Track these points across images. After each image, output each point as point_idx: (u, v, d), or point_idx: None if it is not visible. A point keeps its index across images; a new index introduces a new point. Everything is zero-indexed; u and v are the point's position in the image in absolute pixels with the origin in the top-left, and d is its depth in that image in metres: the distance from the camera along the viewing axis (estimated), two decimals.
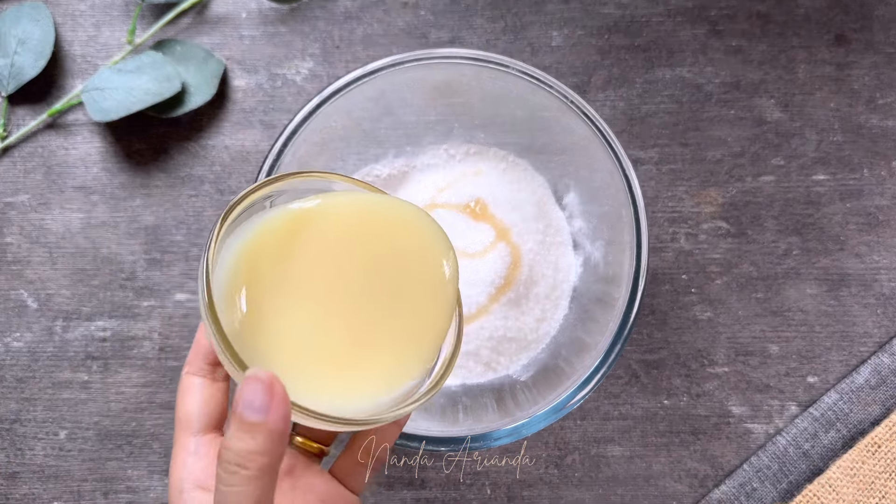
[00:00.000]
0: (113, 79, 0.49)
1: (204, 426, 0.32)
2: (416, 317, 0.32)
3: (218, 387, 0.33)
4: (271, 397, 0.25)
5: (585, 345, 0.42)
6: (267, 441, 0.25)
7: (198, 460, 0.31)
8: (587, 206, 0.46)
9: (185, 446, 0.31)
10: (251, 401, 0.25)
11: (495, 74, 0.42)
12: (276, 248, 0.30)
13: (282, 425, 0.26)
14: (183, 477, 0.30)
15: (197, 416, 0.32)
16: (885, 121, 0.51)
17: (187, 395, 0.32)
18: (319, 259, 0.31)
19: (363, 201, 0.32)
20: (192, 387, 0.32)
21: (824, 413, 0.47)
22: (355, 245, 0.32)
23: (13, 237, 0.50)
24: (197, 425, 0.32)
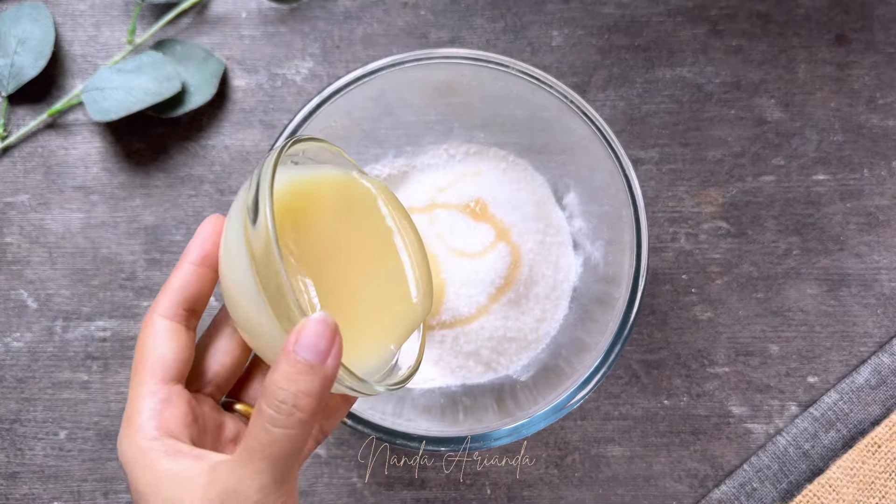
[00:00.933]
0: (113, 79, 0.49)
1: (177, 375, 0.29)
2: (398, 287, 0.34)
3: (190, 336, 0.31)
4: (333, 342, 0.25)
5: (585, 345, 0.42)
6: (323, 385, 0.25)
7: (170, 408, 0.28)
8: (587, 206, 0.46)
9: (154, 392, 0.28)
10: (315, 344, 0.25)
11: (495, 74, 0.42)
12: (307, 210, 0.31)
13: (335, 373, 0.25)
14: (152, 424, 0.28)
15: (171, 363, 0.29)
16: (886, 121, 0.50)
17: (160, 340, 0.29)
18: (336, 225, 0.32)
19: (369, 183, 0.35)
20: (166, 331, 0.30)
21: (824, 413, 0.47)
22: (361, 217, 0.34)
23: (13, 237, 0.50)
24: (170, 373, 0.29)
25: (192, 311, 0.31)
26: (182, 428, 0.28)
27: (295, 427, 0.25)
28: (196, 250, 0.31)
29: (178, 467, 0.26)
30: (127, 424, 0.28)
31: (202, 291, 0.31)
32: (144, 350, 0.29)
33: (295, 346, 0.25)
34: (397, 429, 0.39)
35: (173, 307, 0.30)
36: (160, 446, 0.27)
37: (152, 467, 0.27)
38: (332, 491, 0.47)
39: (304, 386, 0.25)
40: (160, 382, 0.29)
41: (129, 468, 0.27)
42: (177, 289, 0.30)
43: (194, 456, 0.27)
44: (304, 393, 0.25)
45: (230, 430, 0.31)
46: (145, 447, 0.27)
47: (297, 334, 0.25)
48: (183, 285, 0.30)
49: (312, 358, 0.25)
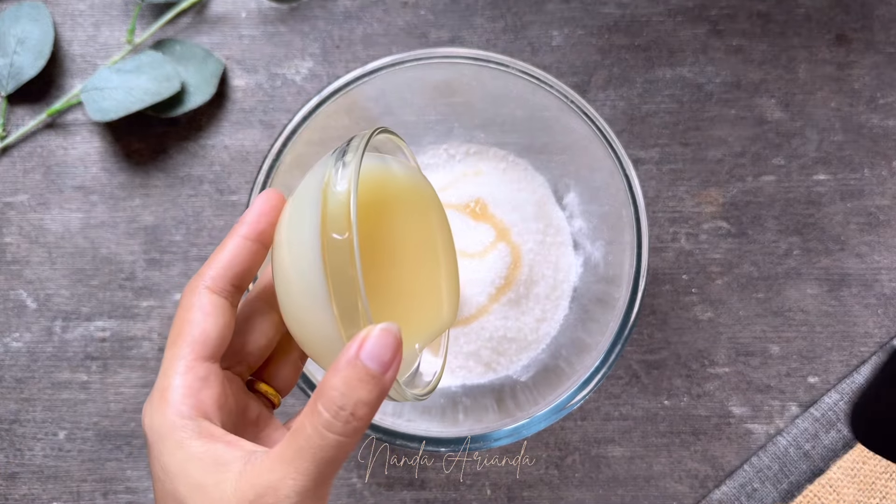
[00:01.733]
0: (112, 78, 0.49)
1: (217, 352, 0.28)
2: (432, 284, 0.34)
3: (233, 313, 0.29)
4: (397, 354, 0.25)
5: (586, 345, 0.42)
6: (381, 396, 0.25)
7: (206, 388, 0.27)
8: (587, 206, 0.46)
9: (192, 368, 0.27)
10: (380, 354, 0.25)
11: (495, 74, 0.42)
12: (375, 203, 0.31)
13: (391, 384, 0.25)
14: (188, 402, 0.26)
15: (213, 340, 0.28)
16: (886, 120, 0.50)
17: (204, 314, 0.28)
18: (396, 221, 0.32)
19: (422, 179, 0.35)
20: (212, 306, 0.28)
21: (825, 413, 0.47)
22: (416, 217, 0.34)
23: (12, 237, 0.50)
24: (211, 350, 0.28)
25: (238, 286, 0.29)
26: (216, 410, 0.27)
27: (350, 435, 0.25)
28: (251, 225, 0.29)
29: (211, 451, 0.26)
30: (160, 398, 0.27)
31: (252, 268, 0.29)
32: (187, 322, 0.28)
33: (360, 353, 0.25)
34: (397, 429, 0.39)
35: (221, 281, 0.29)
36: (194, 426, 0.26)
37: (183, 447, 0.26)
38: (332, 491, 0.47)
39: (365, 395, 0.25)
40: (199, 359, 0.27)
41: (156, 442, 0.26)
42: (226, 263, 0.29)
43: (227, 442, 0.26)
44: (364, 402, 0.25)
45: (252, 411, 0.30)
46: (178, 424, 0.26)
47: (362, 341, 0.25)
48: (233, 260, 0.29)
49: (376, 368, 0.25)
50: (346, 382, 0.24)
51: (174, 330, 0.28)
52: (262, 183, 0.40)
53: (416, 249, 0.34)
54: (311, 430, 0.25)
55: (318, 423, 0.25)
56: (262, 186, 0.40)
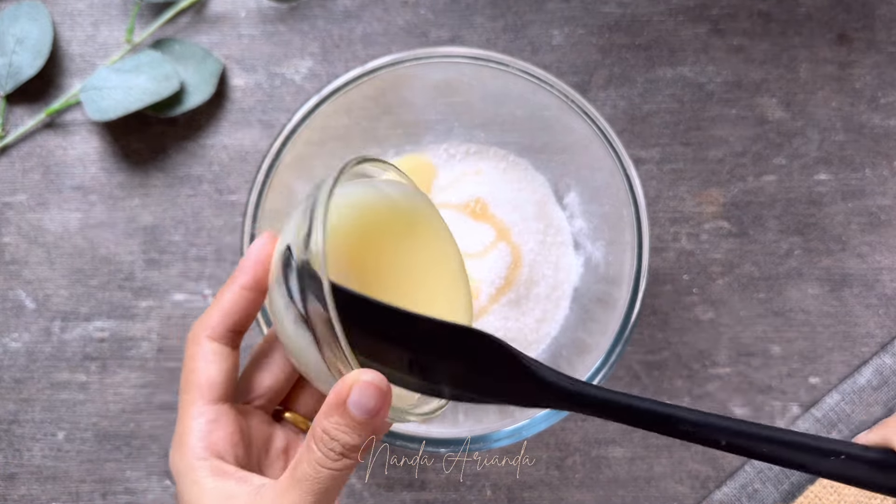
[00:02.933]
0: (111, 78, 0.49)
1: (225, 395, 0.31)
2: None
3: (236, 356, 0.32)
4: (383, 403, 0.27)
5: (586, 345, 0.42)
6: (368, 436, 0.27)
7: (218, 429, 0.30)
8: (588, 206, 0.46)
9: (202, 413, 0.30)
10: (365, 403, 0.27)
11: (495, 73, 0.42)
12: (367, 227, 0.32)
13: (381, 427, 0.28)
14: (201, 445, 0.29)
15: (219, 385, 0.30)
16: (888, 120, 0.50)
17: (208, 362, 0.31)
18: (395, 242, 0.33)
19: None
20: (214, 354, 0.31)
21: (826, 414, 0.47)
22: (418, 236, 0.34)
23: (11, 237, 0.50)
24: (218, 393, 0.30)
25: (237, 332, 0.32)
26: (229, 447, 0.30)
27: (342, 469, 0.27)
28: (247, 275, 0.31)
29: (221, 487, 0.28)
30: (179, 442, 0.30)
31: (251, 314, 0.32)
32: (193, 371, 0.31)
33: (348, 402, 0.27)
34: (397, 429, 0.38)
35: (221, 329, 0.31)
36: (207, 465, 0.29)
37: (199, 484, 0.29)
38: None
39: (353, 439, 0.27)
40: (208, 403, 0.30)
41: (179, 481, 0.29)
42: (225, 312, 0.31)
43: (238, 478, 0.29)
44: (353, 445, 0.27)
45: (279, 441, 0.33)
46: (194, 465, 0.29)
47: (348, 389, 0.27)
48: (231, 309, 0.31)
49: (362, 416, 0.27)
50: (336, 426, 0.27)
51: (183, 378, 0.31)
52: (261, 183, 0.40)
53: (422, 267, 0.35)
54: (307, 464, 0.27)
55: (312, 459, 0.27)
56: (261, 186, 0.40)
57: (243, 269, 0.31)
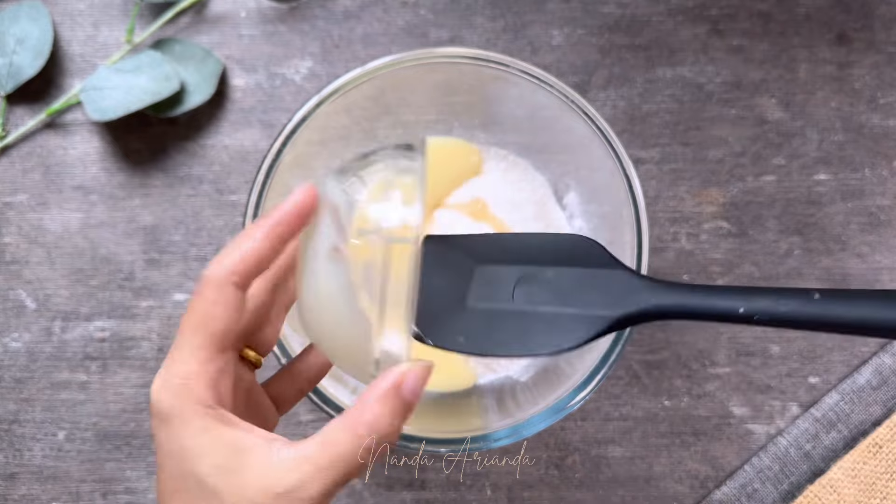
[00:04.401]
0: (111, 78, 0.49)
1: (236, 345, 0.29)
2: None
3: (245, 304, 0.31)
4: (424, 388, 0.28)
5: None
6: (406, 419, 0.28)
7: (225, 379, 0.28)
8: (588, 206, 0.46)
9: (212, 359, 0.28)
10: (415, 387, 0.27)
11: (495, 74, 0.42)
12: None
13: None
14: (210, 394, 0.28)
15: (234, 334, 0.29)
16: (887, 120, 0.50)
17: (227, 308, 0.28)
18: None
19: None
20: (235, 301, 0.29)
21: (825, 414, 0.47)
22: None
23: (11, 237, 0.50)
24: (232, 342, 0.29)
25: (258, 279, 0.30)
26: (230, 399, 0.29)
27: (380, 457, 0.27)
28: (288, 226, 0.29)
29: (232, 437, 0.27)
30: (182, 384, 0.28)
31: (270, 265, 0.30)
32: (210, 315, 0.28)
33: (403, 388, 0.27)
34: None
35: (246, 278, 0.29)
36: (216, 414, 0.27)
37: (208, 431, 0.27)
38: None
39: (400, 424, 0.27)
40: (220, 351, 0.28)
41: (177, 425, 0.27)
42: (255, 261, 0.29)
43: (245, 429, 0.28)
44: (399, 431, 0.27)
45: (246, 379, 0.32)
46: (201, 412, 0.27)
47: (404, 375, 0.27)
48: (261, 260, 0.29)
49: (413, 401, 0.27)
50: (393, 413, 0.27)
51: (194, 317, 0.28)
52: (261, 183, 0.40)
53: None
54: (351, 447, 0.27)
55: (357, 444, 0.27)
56: (261, 186, 0.40)
57: (283, 219, 0.29)
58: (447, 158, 0.47)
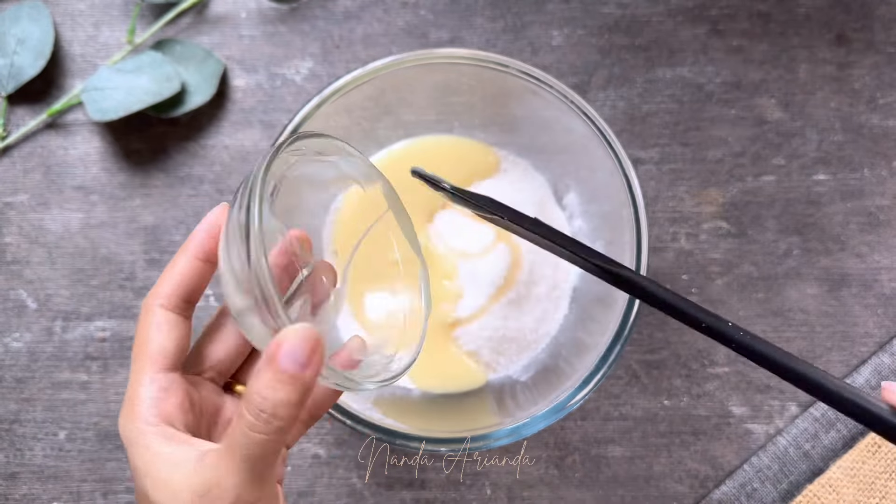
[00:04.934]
0: (112, 78, 0.49)
1: (176, 363, 0.31)
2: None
3: (188, 325, 0.32)
4: (314, 353, 0.26)
5: (585, 345, 0.42)
6: (301, 395, 0.26)
7: (169, 397, 0.30)
8: (587, 206, 0.46)
9: (154, 380, 0.30)
10: (295, 353, 0.26)
11: (495, 74, 0.42)
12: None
13: (313, 383, 0.27)
14: (152, 412, 0.29)
15: (171, 353, 0.30)
16: (886, 120, 0.50)
17: (159, 330, 0.31)
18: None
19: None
20: (167, 323, 0.31)
21: (825, 413, 0.47)
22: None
23: (12, 237, 0.50)
24: (170, 362, 0.30)
25: (189, 301, 0.32)
26: (179, 415, 0.30)
27: (273, 433, 0.27)
28: (197, 245, 0.32)
29: (170, 451, 0.28)
30: (129, 408, 0.30)
31: (201, 284, 0.32)
32: (145, 339, 0.31)
33: (277, 355, 0.26)
34: (397, 429, 0.39)
35: (174, 299, 0.31)
36: (158, 432, 0.29)
37: (149, 449, 0.29)
38: (332, 491, 0.47)
39: (284, 396, 0.26)
40: (160, 371, 0.30)
41: (129, 446, 0.29)
42: (177, 282, 0.31)
43: (186, 442, 0.29)
44: (283, 403, 0.26)
45: (228, 411, 0.33)
46: (144, 431, 0.29)
47: (278, 344, 0.26)
48: (182, 279, 0.31)
49: (293, 368, 0.26)
50: (266, 385, 0.26)
51: (136, 345, 0.31)
52: None
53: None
54: (238, 431, 0.27)
55: (242, 425, 0.27)
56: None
57: (195, 239, 0.32)
58: (461, 157, 0.48)
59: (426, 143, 0.48)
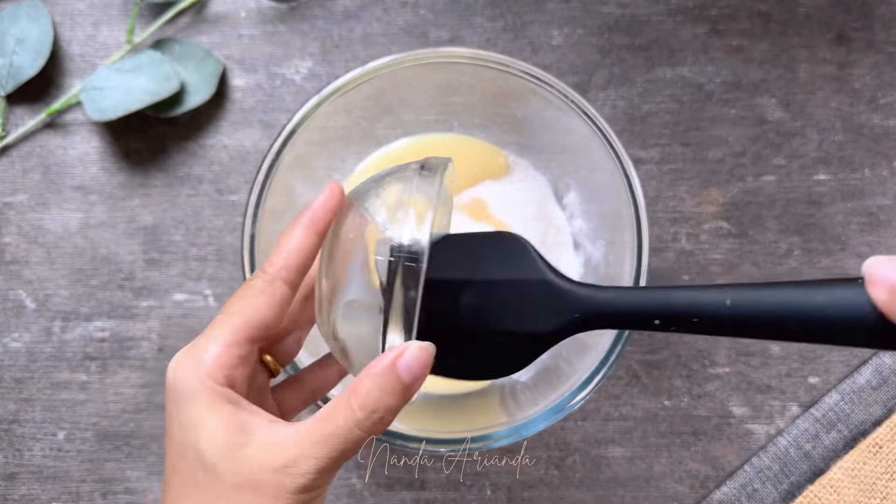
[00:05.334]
0: (111, 78, 0.49)
1: (265, 338, 0.31)
2: None
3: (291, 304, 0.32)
4: (424, 370, 0.28)
5: (586, 345, 0.42)
6: (404, 404, 0.28)
7: (243, 366, 0.29)
8: (588, 206, 0.46)
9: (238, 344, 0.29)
10: (413, 367, 0.27)
11: (495, 74, 0.42)
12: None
13: (413, 396, 0.28)
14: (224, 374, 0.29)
15: (269, 329, 0.30)
16: (887, 120, 0.50)
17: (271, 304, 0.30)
18: None
19: None
20: (283, 299, 0.30)
21: (825, 414, 0.47)
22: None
23: (11, 237, 0.50)
24: (262, 335, 0.30)
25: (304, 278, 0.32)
26: (243, 385, 0.30)
27: (374, 433, 0.28)
28: (321, 222, 0.31)
29: (237, 416, 0.28)
30: (198, 360, 0.29)
31: (312, 261, 0.32)
32: (252, 305, 0.30)
33: (397, 364, 0.27)
34: (397, 429, 0.39)
35: (295, 275, 0.31)
36: (224, 393, 0.28)
37: (213, 407, 0.28)
38: (332, 491, 0.47)
39: (395, 403, 0.28)
40: (248, 340, 0.30)
41: (186, 396, 0.28)
42: (304, 258, 0.31)
43: (251, 411, 0.29)
44: (393, 409, 0.28)
45: (259, 380, 0.33)
46: (210, 387, 0.28)
47: (399, 353, 0.28)
48: (309, 253, 0.31)
49: (409, 379, 0.27)
50: (381, 388, 0.27)
51: (239, 302, 0.30)
52: (261, 183, 0.40)
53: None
54: (343, 422, 0.27)
55: (350, 419, 0.27)
56: (261, 186, 0.40)
57: (316, 217, 0.31)
58: (469, 157, 0.48)
59: (429, 142, 0.48)
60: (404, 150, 0.48)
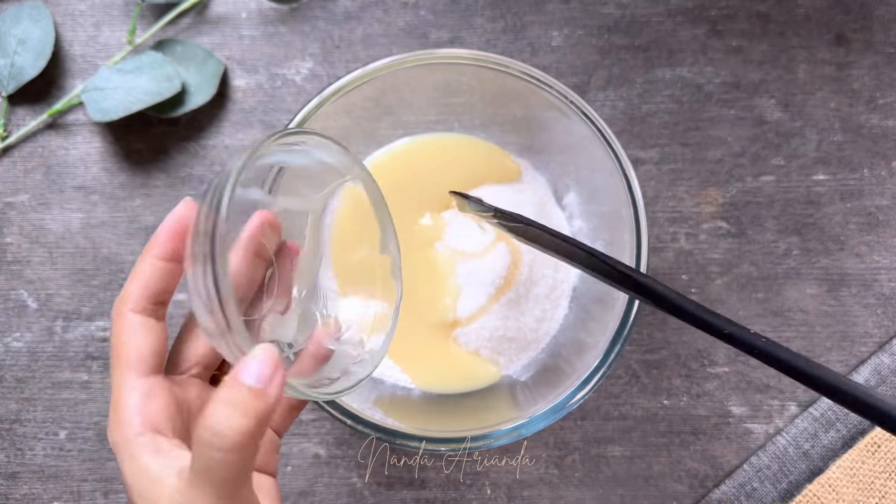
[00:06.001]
0: (113, 79, 0.49)
1: (155, 367, 0.30)
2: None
3: (161, 327, 0.31)
4: (275, 371, 0.26)
5: (585, 345, 0.42)
6: (263, 413, 0.26)
7: (153, 402, 0.29)
8: (587, 206, 0.46)
9: (135, 387, 0.29)
10: (259, 372, 0.26)
11: (495, 74, 0.42)
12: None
13: (276, 401, 0.26)
14: (137, 420, 0.28)
15: (148, 357, 0.30)
16: (886, 121, 0.51)
17: (133, 335, 0.30)
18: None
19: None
20: (139, 326, 0.30)
21: (824, 413, 0.47)
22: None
23: (13, 237, 0.50)
24: (148, 366, 0.29)
25: (160, 303, 0.31)
26: (166, 420, 0.29)
27: (238, 451, 0.25)
28: (161, 247, 0.30)
29: (154, 464, 0.28)
30: (115, 418, 0.29)
31: (170, 284, 0.31)
32: (120, 345, 0.30)
33: (239, 375, 0.26)
34: (397, 429, 0.39)
35: (142, 302, 0.30)
36: (144, 441, 0.28)
37: (135, 460, 0.28)
38: (332, 491, 0.47)
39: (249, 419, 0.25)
40: (140, 376, 0.29)
41: (118, 455, 0.29)
42: (144, 284, 0.30)
43: (169, 454, 0.28)
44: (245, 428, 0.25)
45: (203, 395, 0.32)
46: (131, 440, 0.28)
47: (242, 365, 0.26)
48: (149, 281, 0.30)
49: (257, 384, 0.25)
50: (226, 404, 0.25)
51: (112, 353, 0.30)
52: None
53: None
54: (201, 455, 0.25)
55: (203, 446, 0.25)
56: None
57: (157, 240, 0.30)
58: (471, 158, 0.48)
59: (432, 142, 0.48)
60: (405, 150, 0.48)
